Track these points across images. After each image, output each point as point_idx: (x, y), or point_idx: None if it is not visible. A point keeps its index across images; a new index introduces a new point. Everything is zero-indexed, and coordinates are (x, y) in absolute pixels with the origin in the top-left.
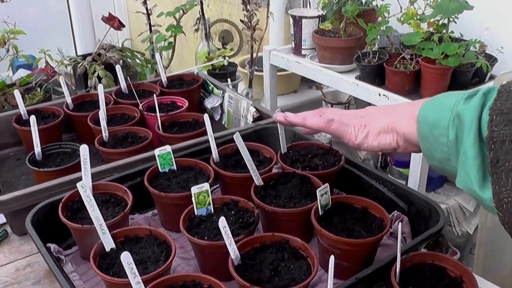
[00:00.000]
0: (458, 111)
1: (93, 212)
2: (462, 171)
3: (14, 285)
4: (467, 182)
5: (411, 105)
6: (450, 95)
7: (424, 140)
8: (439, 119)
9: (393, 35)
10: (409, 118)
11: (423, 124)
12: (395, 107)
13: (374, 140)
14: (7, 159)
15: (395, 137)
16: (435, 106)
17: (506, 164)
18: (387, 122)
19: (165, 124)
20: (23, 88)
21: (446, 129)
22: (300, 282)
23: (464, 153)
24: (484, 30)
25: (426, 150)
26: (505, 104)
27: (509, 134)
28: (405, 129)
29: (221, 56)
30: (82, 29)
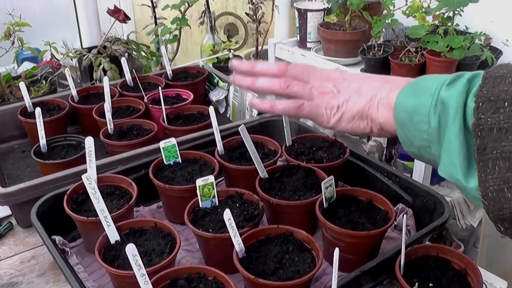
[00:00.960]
0: (441, 97)
1: (98, 204)
2: (446, 159)
3: (19, 277)
4: (451, 171)
5: (388, 87)
6: (429, 79)
7: (402, 126)
8: (420, 105)
9: (398, 28)
10: (386, 106)
11: (401, 110)
12: (370, 84)
13: (348, 124)
14: (12, 151)
15: (369, 124)
16: (414, 92)
17: (494, 152)
18: (363, 106)
19: (170, 116)
20: (28, 80)
21: (427, 116)
22: (304, 274)
23: (449, 141)
24: (489, 23)
25: (404, 137)
26: (491, 91)
27: (497, 122)
28: (382, 119)
29: (226, 49)
30: (87, 22)
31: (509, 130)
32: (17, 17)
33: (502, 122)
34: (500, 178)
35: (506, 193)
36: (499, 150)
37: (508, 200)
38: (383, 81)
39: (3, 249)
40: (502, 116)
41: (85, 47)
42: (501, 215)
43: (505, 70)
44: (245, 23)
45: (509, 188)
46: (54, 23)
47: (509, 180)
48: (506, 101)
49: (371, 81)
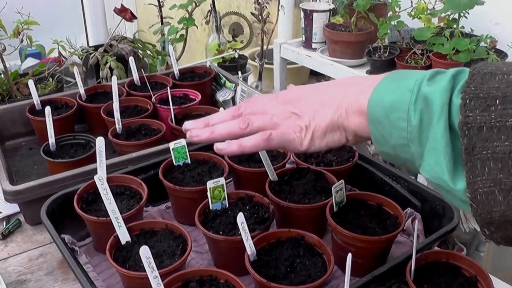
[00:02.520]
0: (423, 93)
1: (109, 205)
2: (430, 158)
3: (27, 275)
4: (436, 172)
5: (354, 91)
6: (405, 74)
7: (377, 124)
8: (398, 101)
9: (404, 30)
10: (357, 112)
11: (376, 107)
12: (332, 92)
13: (321, 141)
14: (19, 148)
15: (343, 134)
16: (390, 88)
17: (483, 152)
18: (331, 117)
19: (178, 117)
20: (35, 77)
21: (406, 113)
22: (316, 279)
23: (434, 140)
24: (494, 25)
25: (378, 135)
26: (480, 87)
27: (487, 120)
28: (354, 125)
29: (231, 48)
30: (94, 20)
31: (502, 129)
32: (26, 16)
33: (493, 120)
34: (490, 180)
35: (496, 196)
36: (489, 150)
37: (498, 203)
38: (346, 86)
39: (12, 246)
40: (494, 115)
41: (92, 45)
42: (489, 218)
43: (493, 67)
44: (250, 22)
45: (500, 190)
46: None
47: (501, 182)
48: (497, 98)
49: (333, 88)
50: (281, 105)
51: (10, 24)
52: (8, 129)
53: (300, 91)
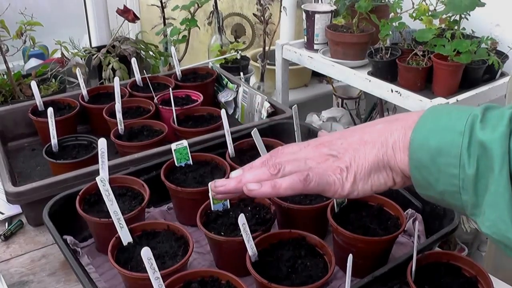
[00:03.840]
0: (480, 140)
1: (111, 206)
2: (492, 214)
3: (30, 276)
4: (500, 229)
5: (401, 127)
6: (451, 112)
7: (420, 168)
8: (447, 145)
9: (406, 31)
10: (405, 149)
11: (420, 149)
12: (373, 130)
13: (365, 183)
14: (22, 149)
15: (390, 175)
16: (436, 128)
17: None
18: (376, 155)
19: (180, 117)
20: (38, 78)
21: (458, 159)
22: (317, 280)
23: (496, 193)
24: (495, 27)
25: (422, 180)
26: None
27: None
28: (403, 164)
29: (233, 49)
30: (97, 21)
31: None
32: (29, 16)
33: None
34: None
35: None
36: None
37: None
38: (389, 122)
39: (14, 248)
40: None
41: (94, 46)
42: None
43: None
44: (252, 23)
45: None
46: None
47: None
48: None
49: (373, 126)
50: (314, 150)
51: (13, 25)
52: (10, 130)
53: (334, 134)
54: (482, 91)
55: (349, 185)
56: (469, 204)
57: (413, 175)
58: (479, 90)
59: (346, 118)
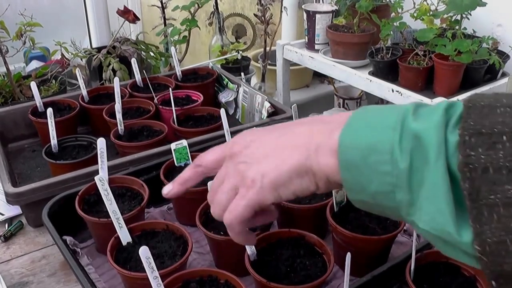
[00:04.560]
0: (413, 130)
1: (110, 206)
2: (430, 207)
3: (30, 277)
4: (439, 223)
5: (327, 129)
6: (381, 110)
7: (351, 169)
8: (378, 141)
9: (407, 31)
10: (330, 152)
11: (350, 149)
12: (296, 131)
13: (287, 189)
14: (22, 150)
15: (312, 180)
16: (366, 126)
17: (490, 196)
18: (298, 160)
19: (180, 118)
20: (38, 79)
21: (391, 155)
22: (316, 278)
23: (433, 185)
24: (496, 27)
25: (353, 182)
26: (480, 122)
27: (494, 160)
28: (327, 168)
29: (234, 49)
30: (97, 22)
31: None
32: (29, 17)
33: (502, 160)
34: (501, 228)
35: (509, 246)
36: (499, 194)
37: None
38: (312, 123)
39: (14, 249)
40: (502, 153)
41: (95, 46)
42: (499, 271)
43: (491, 99)
44: (253, 24)
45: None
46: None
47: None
48: (504, 134)
49: (295, 127)
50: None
51: (13, 26)
52: (11, 131)
53: (253, 134)
54: (483, 91)
55: (268, 192)
56: (404, 203)
57: (344, 178)
58: (480, 90)
59: None
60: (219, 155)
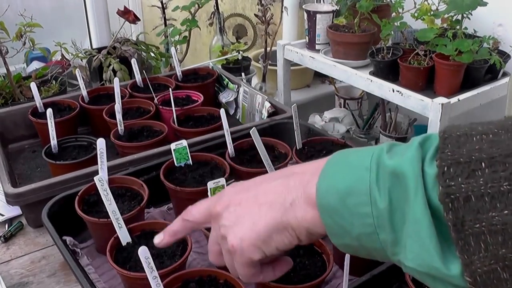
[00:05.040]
0: (389, 167)
1: (110, 206)
2: (414, 245)
3: (30, 277)
4: (425, 259)
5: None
6: (355, 152)
7: (331, 214)
8: (355, 183)
9: (407, 31)
10: (308, 205)
11: (328, 194)
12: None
13: (269, 246)
14: (22, 151)
15: (293, 234)
16: (341, 169)
17: (476, 225)
18: (274, 218)
19: (180, 118)
20: (38, 80)
21: (368, 195)
22: (315, 278)
23: (414, 221)
24: (497, 26)
25: (335, 227)
26: (458, 151)
27: (475, 188)
28: (307, 222)
29: (235, 50)
30: (97, 22)
31: (496, 196)
32: (28, 18)
33: (482, 187)
34: (490, 257)
35: (500, 274)
36: (484, 222)
37: (504, 282)
38: (285, 177)
39: (14, 249)
40: (482, 180)
41: (95, 47)
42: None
43: (466, 129)
44: (254, 24)
45: (505, 267)
46: (63, 22)
47: (504, 258)
48: (482, 161)
49: (269, 183)
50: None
51: (13, 26)
52: (11, 132)
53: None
54: (484, 90)
55: (250, 253)
56: (388, 243)
57: (325, 223)
58: (481, 89)
59: (349, 119)
60: (205, 211)
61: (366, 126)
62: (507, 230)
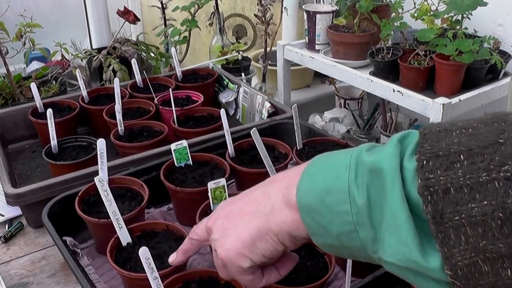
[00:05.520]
0: (367, 164)
1: (110, 206)
2: (391, 239)
3: (30, 278)
4: (403, 253)
5: (277, 188)
6: (336, 153)
7: (312, 213)
8: (334, 181)
9: (407, 31)
10: (287, 208)
11: (307, 193)
12: (249, 199)
13: (255, 254)
14: (22, 151)
15: (275, 239)
16: (321, 169)
17: (455, 218)
18: (256, 226)
19: (180, 118)
20: (38, 80)
21: (347, 193)
22: (317, 279)
23: (391, 215)
24: (497, 26)
25: (315, 226)
26: (437, 145)
27: (454, 180)
28: (287, 226)
29: (235, 50)
30: (97, 22)
31: (475, 187)
32: (29, 18)
33: (461, 179)
34: (470, 249)
35: (481, 266)
36: (463, 214)
37: (485, 274)
38: (265, 186)
39: (14, 249)
40: (461, 172)
41: (95, 47)
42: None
43: (446, 125)
44: (253, 24)
45: (486, 259)
46: (63, 22)
47: (485, 250)
48: (461, 153)
49: (250, 194)
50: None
51: (13, 27)
52: (11, 132)
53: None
54: (484, 91)
55: (239, 261)
56: (369, 241)
57: (306, 223)
58: (482, 90)
59: (349, 119)
60: (204, 228)
61: (367, 127)
62: (487, 221)
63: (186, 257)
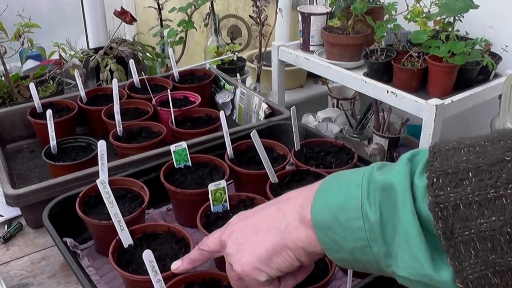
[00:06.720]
0: (379, 182)
1: (112, 208)
2: (404, 254)
3: (30, 278)
4: (415, 268)
5: (292, 205)
6: (348, 172)
7: (326, 230)
8: (346, 199)
9: (401, 33)
10: (303, 226)
11: (321, 211)
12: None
13: (271, 268)
14: (21, 151)
15: (291, 255)
16: (334, 188)
17: (465, 233)
18: (271, 242)
19: (178, 119)
20: (36, 80)
21: (360, 210)
22: (318, 280)
23: (403, 231)
24: (488, 28)
25: (329, 242)
26: (446, 163)
27: (463, 197)
28: (302, 242)
29: (230, 50)
30: (94, 22)
31: (483, 203)
32: (27, 18)
33: (470, 196)
34: (480, 263)
35: (491, 279)
36: (473, 230)
37: (495, 286)
38: (279, 203)
39: (13, 250)
40: (470, 189)
41: (92, 47)
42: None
43: (454, 143)
44: (248, 25)
45: (495, 272)
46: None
47: (494, 264)
48: (469, 171)
49: (265, 211)
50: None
51: (11, 27)
52: (9, 132)
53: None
54: (476, 92)
55: (255, 276)
56: (382, 255)
57: (320, 240)
58: (474, 91)
59: (342, 119)
60: (217, 241)
61: (359, 126)
62: (495, 236)
63: (193, 267)
